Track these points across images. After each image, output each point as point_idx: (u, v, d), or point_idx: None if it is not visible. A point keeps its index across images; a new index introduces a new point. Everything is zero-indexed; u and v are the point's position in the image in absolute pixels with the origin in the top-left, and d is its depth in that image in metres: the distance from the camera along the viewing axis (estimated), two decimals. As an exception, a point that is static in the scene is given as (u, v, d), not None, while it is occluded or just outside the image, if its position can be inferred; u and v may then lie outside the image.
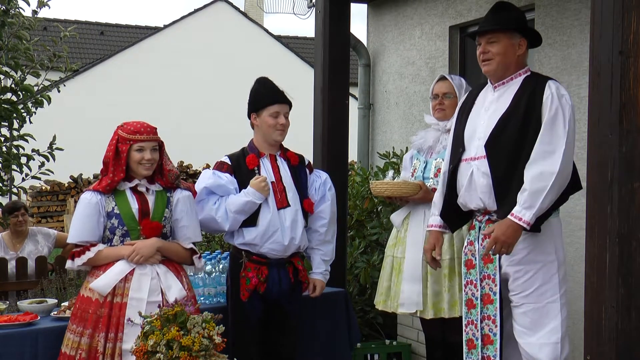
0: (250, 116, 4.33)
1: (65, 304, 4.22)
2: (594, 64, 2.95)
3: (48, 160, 6.23)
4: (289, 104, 4.33)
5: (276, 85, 4.34)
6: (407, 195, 4.42)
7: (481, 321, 3.77)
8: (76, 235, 3.86)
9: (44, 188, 15.16)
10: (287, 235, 4.23)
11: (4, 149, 6.01)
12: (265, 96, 4.28)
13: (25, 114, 6.06)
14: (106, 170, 3.87)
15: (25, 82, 6.07)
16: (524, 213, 3.53)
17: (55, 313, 4.15)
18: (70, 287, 5.63)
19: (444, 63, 6.29)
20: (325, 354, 4.76)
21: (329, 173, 4.70)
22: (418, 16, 6.62)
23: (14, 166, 6.07)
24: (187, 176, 15.24)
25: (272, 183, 4.26)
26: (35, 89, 6.16)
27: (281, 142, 4.38)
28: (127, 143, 3.83)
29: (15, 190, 6.88)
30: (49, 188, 15.20)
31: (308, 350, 4.57)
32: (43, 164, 6.27)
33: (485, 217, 3.78)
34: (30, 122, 6.16)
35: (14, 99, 6.06)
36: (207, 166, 14.93)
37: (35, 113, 6.23)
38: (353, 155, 6.72)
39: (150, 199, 3.90)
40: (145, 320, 3.46)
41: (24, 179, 6.28)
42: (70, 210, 14.45)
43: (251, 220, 4.20)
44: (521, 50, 3.80)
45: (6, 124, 6.00)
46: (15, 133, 6.14)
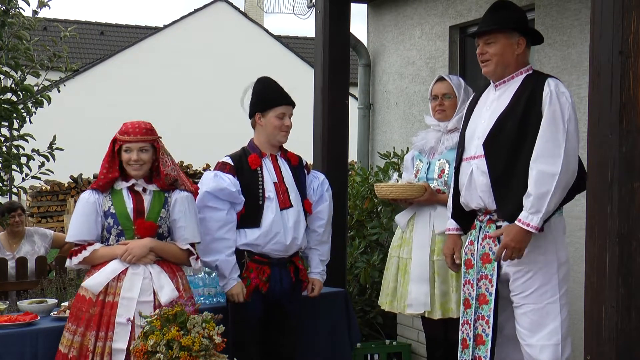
0: (253, 116, 4.32)
1: (65, 304, 4.22)
2: (594, 64, 2.95)
3: (48, 160, 6.22)
4: (293, 105, 4.33)
5: (281, 86, 4.34)
6: (413, 197, 4.41)
7: (475, 321, 3.76)
8: (74, 234, 3.88)
9: (44, 188, 15.17)
10: (290, 235, 4.23)
11: (4, 149, 6.00)
12: (273, 97, 4.27)
13: (25, 114, 6.05)
14: (102, 168, 3.91)
15: (25, 82, 6.06)
16: (532, 218, 3.52)
17: (55, 313, 4.15)
18: (70, 287, 5.62)
19: (444, 63, 6.28)
20: (325, 354, 4.76)
21: (329, 173, 4.70)
22: (418, 16, 6.62)
23: (14, 166, 6.06)
24: (187, 176, 15.23)
25: (275, 184, 4.26)
26: (35, 89, 6.15)
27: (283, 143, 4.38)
28: (118, 143, 3.88)
29: (15, 190, 6.87)
30: (49, 188, 15.21)
31: (308, 350, 4.57)
32: (43, 164, 6.26)
33: (487, 217, 3.77)
34: (30, 122, 6.15)
35: (14, 99, 6.05)
36: (207, 166, 14.93)
37: (35, 113, 6.22)
38: (353, 155, 6.71)
39: (147, 198, 3.90)
40: (145, 320, 3.47)
41: (24, 179, 6.27)
42: (70, 210, 14.45)
43: (254, 221, 4.20)
44: (520, 49, 3.77)
45: (6, 124, 5.99)
46: (15, 133, 6.13)
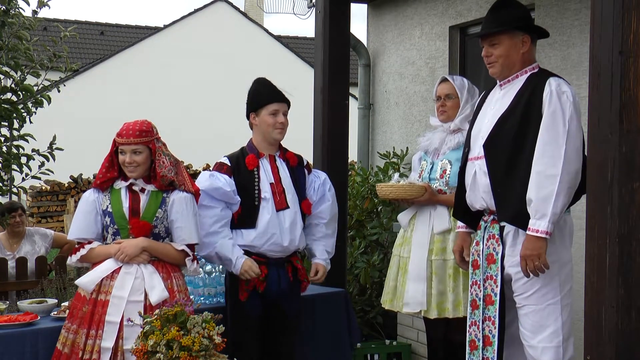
0: (249, 116, 4.33)
1: (65, 304, 4.22)
2: (594, 64, 2.95)
3: (48, 160, 6.22)
4: (287, 102, 4.32)
5: (274, 84, 4.34)
6: (413, 197, 4.44)
7: (482, 322, 3.74)
8: (75, 232, 3.92)
9: (44, 188, 15.17)
10: (287, 236, 4.23)
11: (4, 149, 6.00)
12: (264, 95, 4.28)
13: (25, 114, 6.05)
14: (102, 167, 3.93)
15: (25, 82, 6.06)
16: (539, 224, 3.46)
17: (55, 313, 4.16)
18: (70, 287, 5.62)
19: (444, 63, 6.28)
20: (325, 354, 4.76)
21: (329, 173, 4.69)
22: (418, 16, 6.62)
23: (14, 166, 6.06)
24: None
25: (272, 185, 4.26)
26: (35, 89, 6.15)
27: (280, 142, 4.37)
28: (114, 144, 3.91)
29: (15, 190, 6.87)
30: (49, 188, 15.21)
31: (308, 350, 4.57)
32: (43, 164, 6.26)
33: (491, 217, 3.75)
34: (30, 122, 6.15)
35: (14, 99, 6.05)
36: (207, 166, 14.94)
37: (35, 113, 6.22)
38: (353, 155, 6.72)
39: (143, 198, 3.90)
40: (145, 320, 3.47)
41: (24, 179, 6.27)
42: (70, 210, 14.45)
43: (250, 222, 4.20)
44: (525, 47, 3.70)
45: (6, 124, 5.99)
46: (15, 133, 6.13)
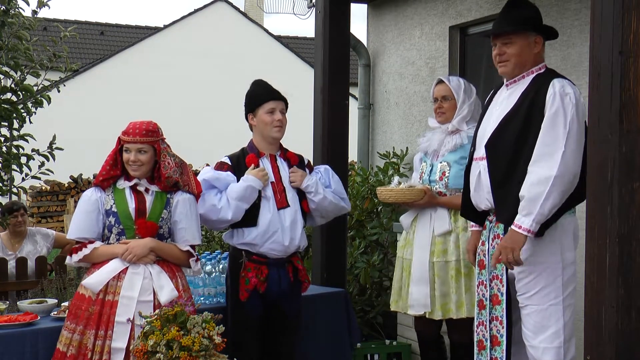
0: (247, 118, 4.35)
1: (65, 304, 4.22)
2: (594, 64, 2.94)
3: (48, 160, 6.22)
4: (284, 100, 4.33)
5: (270, 84, 4.36)
6: (412, 200, 4.46)
7: (490, 322, 3.74)
8: (75, 232, 3.89)
9: (44, 188, 15.17)
10: (287, 235, 4.23)
11: (4, 149, 6.00)
12: (260, 94, 4.31)
13: (25, 114, 6.05)
14: (106, 164, 3.93)
15: (25, 82, 6.06)
16: (523, 220, 3.48)
17: (55, 313, 4.15)
18: (70, 287, 5.62)
19: (444, 63, 6.28)
20: (325, 354, 4.76)
21: (329, 173, 4.69)
22: (418, 16, 6.62)
23: (14, 166, 6.06)
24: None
25: (272, 183, 4.27)
26: (35, 89, 6.15)
27: (280, 140, 4.38)
28: (119, 142, 3.90)
29: (15, 190, 6.87)
30: (49, 188, 15.21)
31: (308, 350, 4.57)
32: (43, 164, 6.26)
33: (496, 217, 3.75)
34: (30, 122, 6.16)
35: (14, 99, 6.06)
36: (207, 166, 14.92)
37: (35, 113, 6.22)
38: (353, 155, 6.72)
39: (149, 198, 3.91)
40: (145, 320, 3.47)
41: (24, 179, 6.27)
42: (70, 210, 14.46)
43: (251, 220, 4.21)
44: (537, 47, 3.71)
45: (6, 124, 5.99)
46: (15, 133, 6.13)
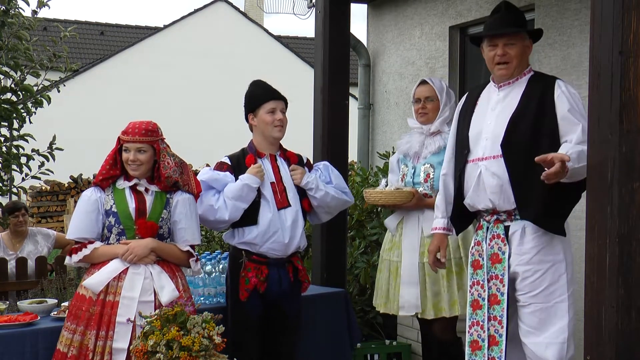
0: (247, 118, 4.35)
1: (65, 304, 4.22)
2: (594, 64, 2.94)
3: (48, 160, 6.23)
4: (284, 100, 4.34)
5: (269, 84, 4.37)
6: (401, 203, 4.46)
7: (487, 322, 3.74)
8: (75, 232, 3.88)
9: (43, 188, 15.16)
10: (288, 235, 4.23)
11: (4, 149, 6.02)
12: (260, 95, 4.31)
13: (25, 114, 6.06)
14: (105, 164, 3.92)
15: (25, 82, 6.07)
16: (572, 155, 3.37)
17: (55, 313, 4.15)
18: (70, 287, 5.62)
19: (443, 63, 6.29)
20: (325, 354, 4.76)
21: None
22: (418, 16, 6.63)
23: (14, 166, 6.07)
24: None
25: (272, 183, 4.27)
26: (35, 89, 6.16)
27: (280, 140, 4.38)
28: (119, 142, 3.90)
29: (15, 190, 6.88)
30: (48, 188, 15.20)
31: (308, 350, 4.57)
32: (43, 164, 6.27)
33: (494, 217, 3.76)
34: (30, 122, 6.17)
35: (14, 99, 6.06)
36: (207, 166, 14.91)
37: (35, 113, 6.23)
38: (353, 155, 6.72)
39: (149, 198, 3.91)
40: (145, 320, 3.47)
41: (24, 179, 6.28)
42: (70, 210, 14.45)
43: (251, 220, 4.21)
44: (530, 50, 3.81)
45: (6, 124, 6.01)
46: (15, 133, 6.14)
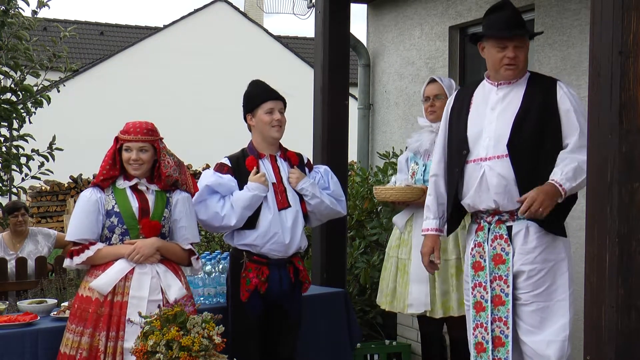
0: (246, 119, 4.34)
1: (65, 304, 4.22)
2: (594, 64, 2.94)
3: (48, 160, 6.23)
4: (282, 100, 4.33)
5: (267, 84, 4.36)
6: (412, 200, 4.46)
7: (491, 323, 3.74)
8: (75, 233, 3.85)
9: (43, 188, 15.16)
10: (288, 235, 4.23)
11: (4, 149, 6.02)
12: (258, 95, 4.30)
13: (25, 114, 6.06)
14: (105, 164, 3.91)
15: (25, 82, 6.07)
16: (565, 183, 3.53)
17: (55, 313, 4.15)
18: (70, 287, 5.61)
19: (443, 63, 6.29)
20: (325, 354, 4.76)
21: (329, 173, 4.69)
22: (418, 16, 6.63)
23: (14, 166, 6.07)
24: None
25: (273, 184, 4.26)
26: (35, 89, 6.16)
27: (279, 140, 4.37)
28: (119, 142, 3.89)
29: (15, 190, 6.88)
30: (48, 188, 15.20)
31: (308, 350, 4.57)
32: (43, 164, 6.27)
33: (495, 218, 3.75)
34: (30, 122, 6.16)
35: (14, 99, 6.06)
36: (207, 166, 14.93)
37: (35, 113, 6.23)
38: (353, 155, 6.72)
39: (150, 198, 3.91)
40: (145, 320, 3.46)
41: (23, 179, 6.28)
42: (70, 210, 14.45)
43: (252, 221, 4.20)
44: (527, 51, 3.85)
45: (6, 124, 6.01)
46: (15, 133, 6.14)
